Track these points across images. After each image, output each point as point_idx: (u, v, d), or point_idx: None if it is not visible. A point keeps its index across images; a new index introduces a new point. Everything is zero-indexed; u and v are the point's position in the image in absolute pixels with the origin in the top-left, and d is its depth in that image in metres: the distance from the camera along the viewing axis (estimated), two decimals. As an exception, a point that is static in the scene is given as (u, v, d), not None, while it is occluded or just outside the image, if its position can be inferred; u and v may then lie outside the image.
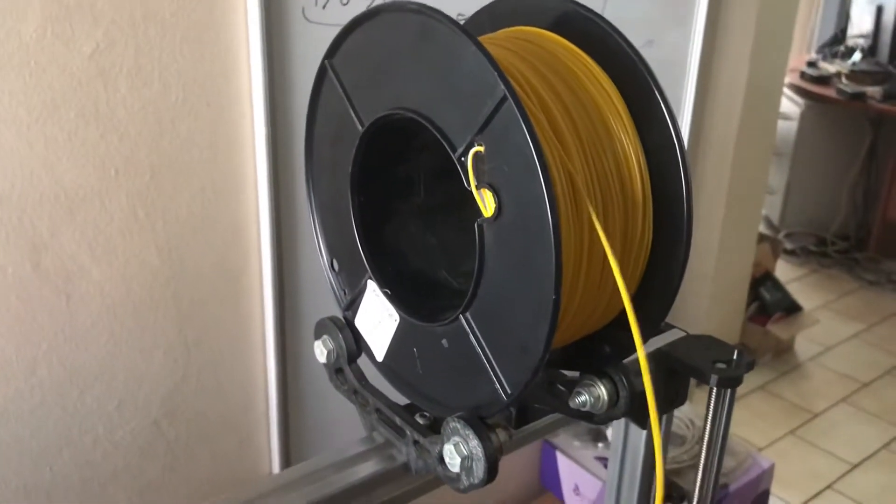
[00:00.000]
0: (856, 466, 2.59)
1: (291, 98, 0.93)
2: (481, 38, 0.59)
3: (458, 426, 0.53)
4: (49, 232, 0.86)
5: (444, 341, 0.55)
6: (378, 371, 0.63)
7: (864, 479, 2.54)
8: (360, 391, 0.63)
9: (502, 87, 0.46)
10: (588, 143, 0.53)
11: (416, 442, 0.58)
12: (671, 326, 0.77)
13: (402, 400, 0.61)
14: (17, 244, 0.85)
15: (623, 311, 0.54)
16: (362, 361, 0.64)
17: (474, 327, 0.53)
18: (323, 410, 1.06)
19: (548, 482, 1.44)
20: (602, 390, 0.60)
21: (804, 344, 3.19)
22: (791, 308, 3.10)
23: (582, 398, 0.60)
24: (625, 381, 0.59)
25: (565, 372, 0.64)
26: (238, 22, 0.90)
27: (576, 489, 1.39)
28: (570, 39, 0.57)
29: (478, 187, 0.50)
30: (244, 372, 1.03)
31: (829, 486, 2.51)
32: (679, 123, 0.55)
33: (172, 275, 0.95)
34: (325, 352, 0.64)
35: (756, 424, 2.87)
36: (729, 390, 0.71)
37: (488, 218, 0.50)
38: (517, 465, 1.42)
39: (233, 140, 0.94)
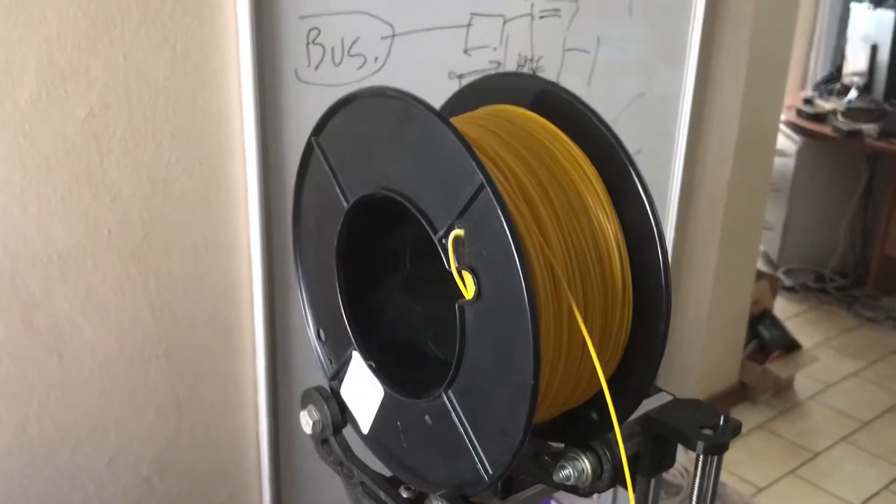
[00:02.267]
0: (857, 508, 2.57)
1: (284, 157, 0.95)
2: (462, 116, 0.60)
3: (440, 502, 0.53)
4: (41, 292, 0.87)
5: (427, 417, 0.56)
6: (363, 442, 0.63)
7: (866, 522, 2.52)
8: (345, 463, 0.63)
9: (480, 175, 0.47)
10: (566, 225, 0.53)
11: (399, 516, 0.58)
12: (660, 390, 0.77)
13: (388, 471, 0.62)
14: (9, 304, 0.85)
15: (611, 386, 0.55)
16: (349, 429, 0.65)
17: (456, 406, 0.53)
18: (314, 467, 1.05)
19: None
20: (586, 464, 0.60)
21: (804, 382, 3.18)
22: (790, 346, 3.09)
23: (566, 472, 0.60)
24: (608, 454, 0.60)
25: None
26: (231, 83, 0.91)
27: (571, 539, 1.37)
28: (548, 118, 0.57)
29: (458, 269, 0.50)
30: (236, 428, 1.03)
31: (830, 529, 2.49)
32: (654, 199, 0.56)
33: (165, 332, 0.96)
34: (311, 422, 0.64)
35: (756, 464, 2.85)
36: (716, 459, 0.71)
37: (469, 300, 0.50)
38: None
39: (225, 198, 0.95)
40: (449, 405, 0.53)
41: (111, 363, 0.94)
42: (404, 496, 0.59)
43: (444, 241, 0.51)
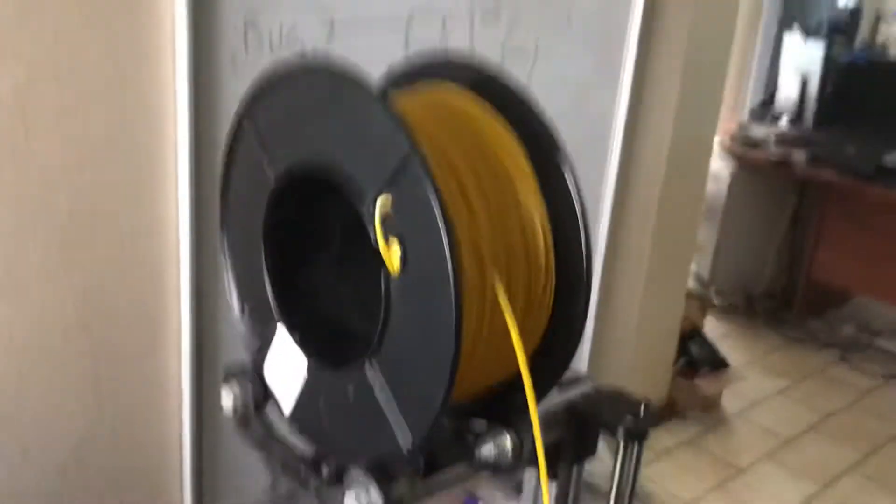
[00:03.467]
0: (779, 522, 2.63)
1: (217, 143, 0.94)
2: (397, 93, 0.60)
3: (360, 474, 0.53)
4: (-42, 270, 0.84)
5: (350, 389, 0.56)
6: (286, 423, 0.62)
7: (787, 535, 2.57)
8: (266, 441, 0.62)
9: (407, 142, 0.47)
10: (494, 202, 0.54)
11: (318, 492, 0.58)
12: (586, 377, 0.78)
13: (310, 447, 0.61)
14: (-77, 282, 0.82)
15: (533, 361, 0.55)
16: (270, 407, 0.64)
17: (379, 375, 0.53)
18: (240, 461, 1.04)
19: (470, 535, 1.43)
20: (507, 441, 0.60)
21: (731, 399, 3.25)
22: (718, 364, 3.16)
23: (487, 448, 0.60)
24: (529, 430, 0.60)
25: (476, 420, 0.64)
26: (166, 65, 0.90)
27: (498, 544, 1.38)
28: (484, 99, 0.58)
29: (385, 240, 0.50)
30: (159, 422, 1.01)
31: (753, 542, 2.54)
32: (578, 178, 0.57)
33: (88, 319, 0.93)
34: (231, 396, 0.63)
35: (683, 478, 2.90)
36: (636, 442, 0.73)
37: (393, 270, 0.50)
38: (440, 517, 1.41)
39: (155, 182, 0.93)
40: (371, 375, 0.53)
41: (29, 349, 0.91)
42: (324, 473, 0.58)
43: (370, 209, 0.51)
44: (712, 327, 3.55)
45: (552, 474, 0.78)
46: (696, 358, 3.18)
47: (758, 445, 3.05)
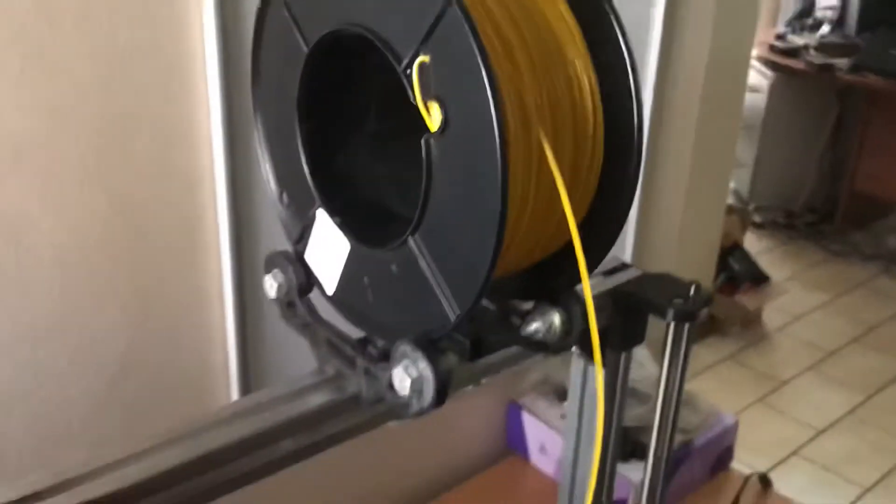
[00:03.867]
0: (821, 432, 2.63)
1: (245, 33, 0.91)
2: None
3: (408, 349, 0.52)
4: (-6, 179, 0.84)
5: (393, 267, 0.54)
6: (329, 304, 0.61)
7: (830, 445, 2.57)
8: (310, 324, 0.62)
9: (445, -7, 0.45)
10: (539, 62, 0.51)
11: (366, 371, 0.57)
12: (632, 265, 0.76)
13: (355, 335, 0.60)
14: (-40, 193, 0.82)
15: (581, 231, 0.53)
16: (314, 296, 0.63)
17: (423, 248, 0.51)
18: (285, 362, 1.04)
19: (514, 443, 1.44)
20: (555, 317, 0.59)
21: (772, 314, 3.22)
22: (759, 279, 3.12)
23: (534, 325, 0.59)
24: (578, 308, 0.59)
25: (522, 304, 0.63)
26: (189, -36, 0.88)
27: (542, 448, 1.38)
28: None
29: (424, 101, 0.48)
30: (202, 326, 1.01)
31: (794, 453, 2.55)
32: (631, 45, 0.54)
33: (125, 227, 0.93)
34: (276, 285, 0.62)
35: (724, 393, 2.89)
36: (687, 326, 0.71)
37: (435, 132, 0.49)
38: (483, 426, 1.42)
39: (185, 88, 0.92)
40: (415, 248, 0.52)
41: (71, 259, 0.91)
42: (371, 352, 0.58)
43: (408, 70, 0.49)
44: (752, 243, 3.51)
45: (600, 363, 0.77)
46: (737, 273, 3.14)
47: (800, 359, 3.02)
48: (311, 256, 0.62)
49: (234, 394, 1.02)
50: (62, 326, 0.93)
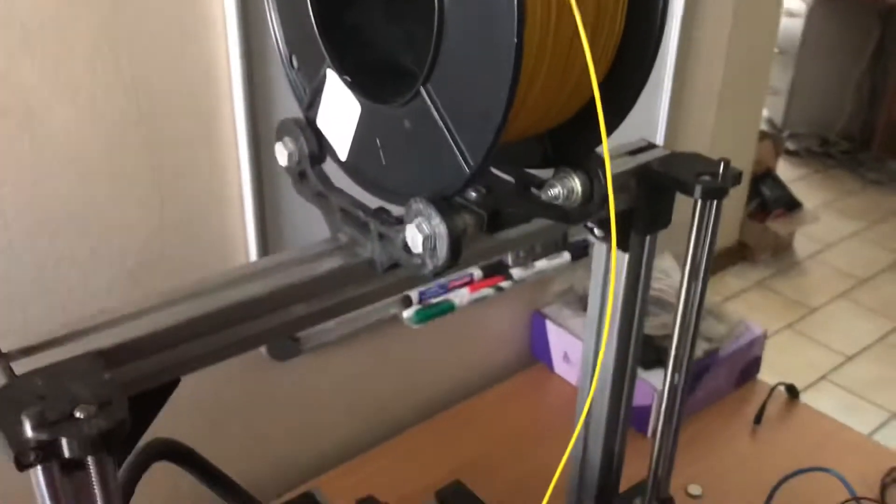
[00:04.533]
0: (850, 358, 2.60)
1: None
2: None
3: (421, 206, 0.50)
4: (5, 63, 0.82)
5: (405, 122, 0.52)
6: (342, 171, 0.60)
7: (859, 371, 2.55)
8: (323, 193, 0.60)
9: None
10: None
11: (380, 235, 0.56)
12: (659, 146, 0.74)
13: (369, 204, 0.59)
14: (-28, 77, 0.81)
15: (593, 102, 0.51)
16: (326, 168, 0.62)
17: (435, 98, 0.49)
18: (302, 233, 1.03)
19: (538, 352, 1.43)
20: (576, 182, 0.57)
21: (804, 242, 3.17)
22: (791, 205, 3.06)
23: (554, 190, 0.57)
24: (599, 172, 0.56)
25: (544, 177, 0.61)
26: None
27: (565, 357, 1.37)
28: None
29: (436, -64, 0.46)
30: (221, 220, 1.00)
31: (823, 377, 2.53)
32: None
33: (141, 117, 0.92)
34: (286, 153, 0.60)
35: (753, 319, 2.87)
36: (715, 205, 0.68)
37: (448, -31, 0.46)
38: (507, 335, 1.41)
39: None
40: (428, 99, 0.49)
41: (87, 148, 0.90)
42: (384, 216, 0.56)
43: None
44: (786, 171, 3.43)
45: (623, 247, 0.75)
46: (768, 199, 3.08)
47: (831, 286, 2.98)
48: (322, 122, 0.60)
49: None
50: (82, 218, 0.92)
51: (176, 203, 0.97)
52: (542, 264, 1.31)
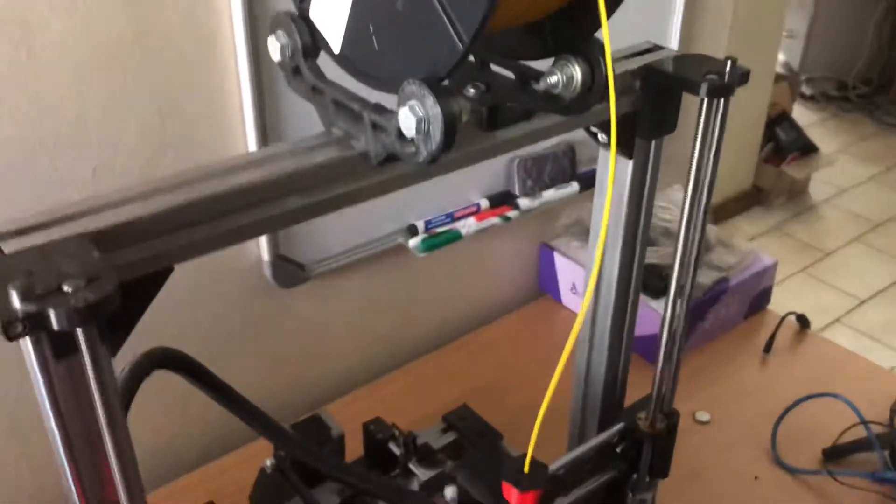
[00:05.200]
0: (864, 302, 2.58)
1: None
2: None
3: (415, 87, 0.49)
4: (0, -24, 0.81)
5: (398, 3, 0.51)
6: (337, 64, 0.58)
7: (872, 314, 2.53)
8: (317, 86, 0.59)
9: None
10: None
11: (373, 124, 0.54)
12: (662, 47, 0.72)
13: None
14: (-33, -11, 0.79)
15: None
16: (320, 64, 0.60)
17: (428, -27, 0.48)
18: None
19: (545, 285, 1.42)
20: (575, 69, 0.55)
21: (819, 186, 3.13)
22: (807, 148, 3.02)
23: (553, 78, 0.56)
24: (600, 56, 0.55)
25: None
26: None
27: (573, 288, 1.37)
28: None
29: None
30: (222, 143, 0.99)
31: (836, 320, 2.51)
32: None
33: (140, 35, 0.90)
34: (280, 46, 0.59)
35: (766, 262, 2.85)
36: (721, 104, 0.67)
37: None
38: (515, 268, 1.40)
39: None
40: (421, -25, 0.48)
41: (85, 67, 0.89)
42: (378, 105, 0.55)
43: None
44: (802, 115, 3.38)
45: (627, 153, 0.73)
46: (784, 143, 3.04)
47: (846, 230, 2.95)
48: (315, 13, 0.58)
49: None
50: (82, 138, 0.91)
51: (176, 122, 0.96)
52: (549, 194, 1.30)
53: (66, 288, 0.42)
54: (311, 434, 0.96)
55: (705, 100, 0.66)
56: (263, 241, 1.08)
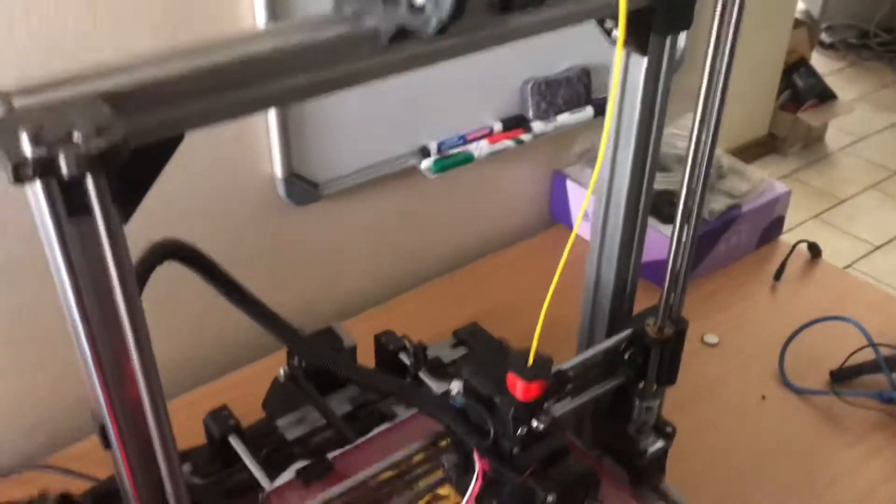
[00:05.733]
0: (877, 248, 2.57)
1: None
2: None
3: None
4: None
5: None
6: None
7: (886, 260, 2.52)
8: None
9: None
10: None
11: (384, -3, 0.54)
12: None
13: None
14: None
15: None
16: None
17: None
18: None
19: (557, 214, 1.42)
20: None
21: (836, 135, 3.10)
22: (825, 95, 2.98)
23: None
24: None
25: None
26: None
27: (586, 217, 1.36)
28: None
29: None
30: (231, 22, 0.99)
31: (849, 266, 2.50)
32: None
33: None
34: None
35: (780, 209, 2.83)
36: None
37: None
38: (527, 196, 1.40)
39: None
40: None
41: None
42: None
43: None
44: (821, 63, 3.33)
45: (641, 49, 0.73)
46: (801, 90, 3.00)
47: (862, 178, 2.93)
48: None
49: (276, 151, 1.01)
50: (94, 45, 0.91)
51: (189, 30, 0.96)
52: (564, 118, 1.29)
53: (76, 136, 0.42)
54: (323, 345, 0.97)
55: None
56: (277, 158, 1.08)
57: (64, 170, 0.42)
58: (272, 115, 1.04)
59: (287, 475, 0.83)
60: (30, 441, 1.04)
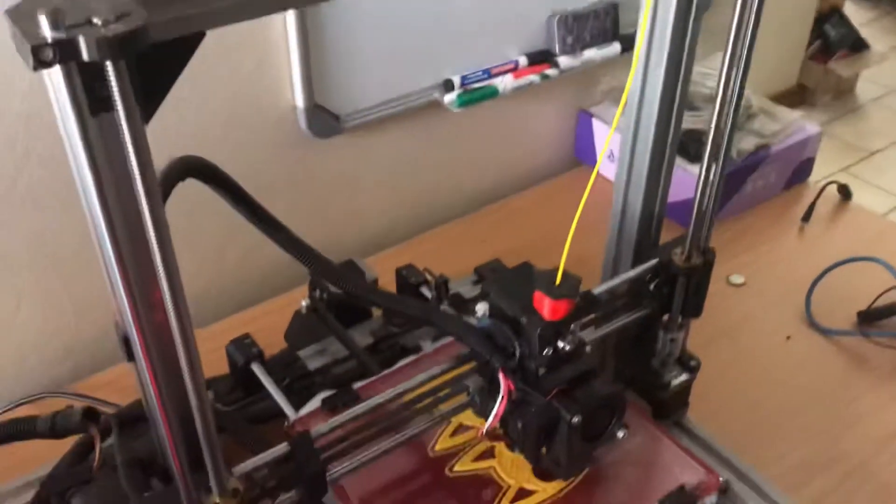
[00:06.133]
0: (907, 201, 2.53)
1: None
2: None
3: None
4: None
5: None
6: None
7: (915, 213, 2.48)
8: None
9: None
10: None
11: None
12: None
13: None
14: None
15: None
16: None
17: None
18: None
19: (582, 154, 1.40)
20: None
21: (866, 86, 3.03)
22: (857, 45, 2.91)
23: None
24: None
25: None
26: None
27: (611, 156, 1.34)
28: None
29: None
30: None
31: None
32: None
33: None
34: None
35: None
36: None
37: None
38: (552, 134, 1.38)
39: None
40: None
41: None
42: None
43: None
44: (854, 14, 3.25)
45: None
46: (833, 40, 2.93)
47: (892, 130, 2.87)
48: None
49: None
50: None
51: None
52: (590, 54, 1.26)
53: (95, 21, 0.41)
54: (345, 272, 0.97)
55: None
56: (298, 88, 1.06)
57: (84, 53, 0.40)
58: (294, 42, 1.02)
59: (313, 404, 0.83)
60: (56, 369, 1.05)
